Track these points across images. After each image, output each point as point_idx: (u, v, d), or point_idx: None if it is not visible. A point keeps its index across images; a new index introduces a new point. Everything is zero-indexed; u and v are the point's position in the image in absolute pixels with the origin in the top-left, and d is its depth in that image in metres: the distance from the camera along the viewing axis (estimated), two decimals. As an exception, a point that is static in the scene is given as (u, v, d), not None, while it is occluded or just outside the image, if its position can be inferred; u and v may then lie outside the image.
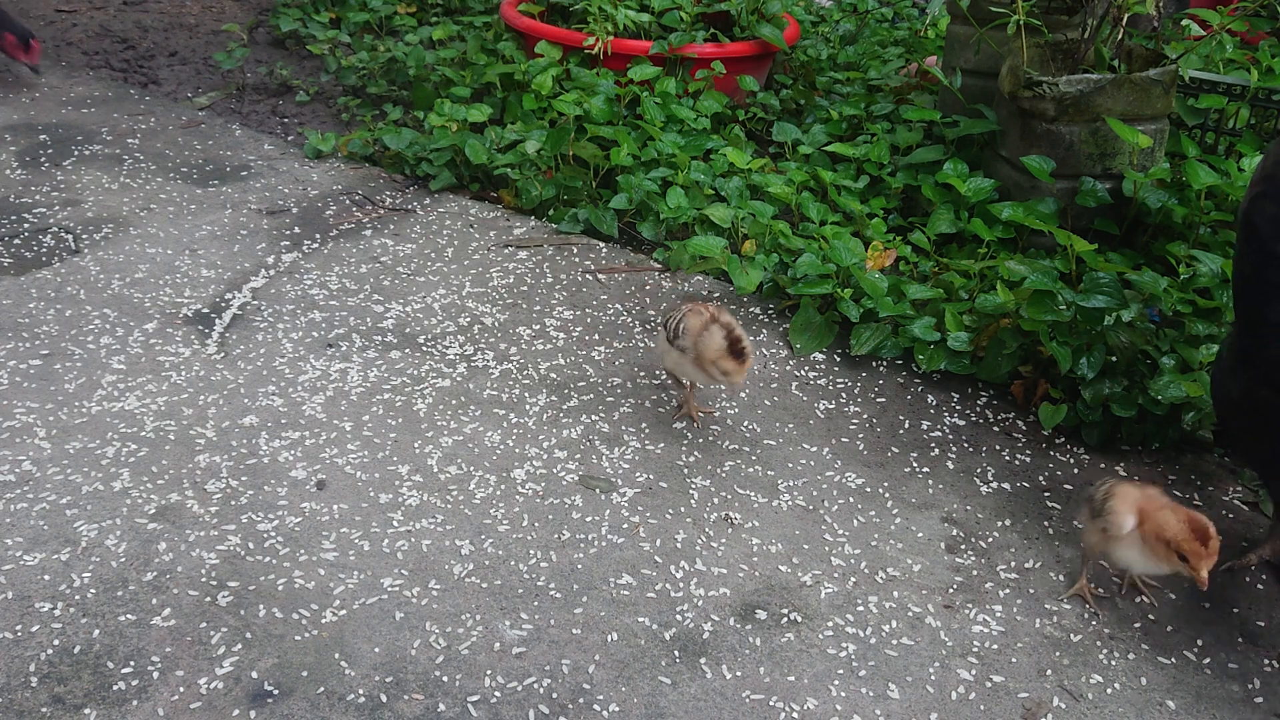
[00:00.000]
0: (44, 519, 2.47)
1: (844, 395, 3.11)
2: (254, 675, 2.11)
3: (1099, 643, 2.30)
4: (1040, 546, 2.58)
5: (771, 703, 2.12)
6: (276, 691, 2.08)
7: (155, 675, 2.10)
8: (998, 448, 2.92)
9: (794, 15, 5.23)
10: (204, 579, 2.33)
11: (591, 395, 3.04)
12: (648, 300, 3.54)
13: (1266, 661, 2.29)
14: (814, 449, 2.87)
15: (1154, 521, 2.24)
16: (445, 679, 2.13)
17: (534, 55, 4.67)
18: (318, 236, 3.84)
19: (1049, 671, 2.24)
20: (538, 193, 4.03)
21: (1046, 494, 2.76)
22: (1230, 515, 2.71)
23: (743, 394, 3.08)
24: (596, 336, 3.32)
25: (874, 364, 3.26)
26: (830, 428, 2.97)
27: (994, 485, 2.78)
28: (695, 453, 2.83)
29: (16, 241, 3.68)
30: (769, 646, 2.25)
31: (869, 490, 2.74)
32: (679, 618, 2.31)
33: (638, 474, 2.74)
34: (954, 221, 3.62)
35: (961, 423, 3.01)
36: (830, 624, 2.31)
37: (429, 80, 4.88)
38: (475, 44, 5.04)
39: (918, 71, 4.67)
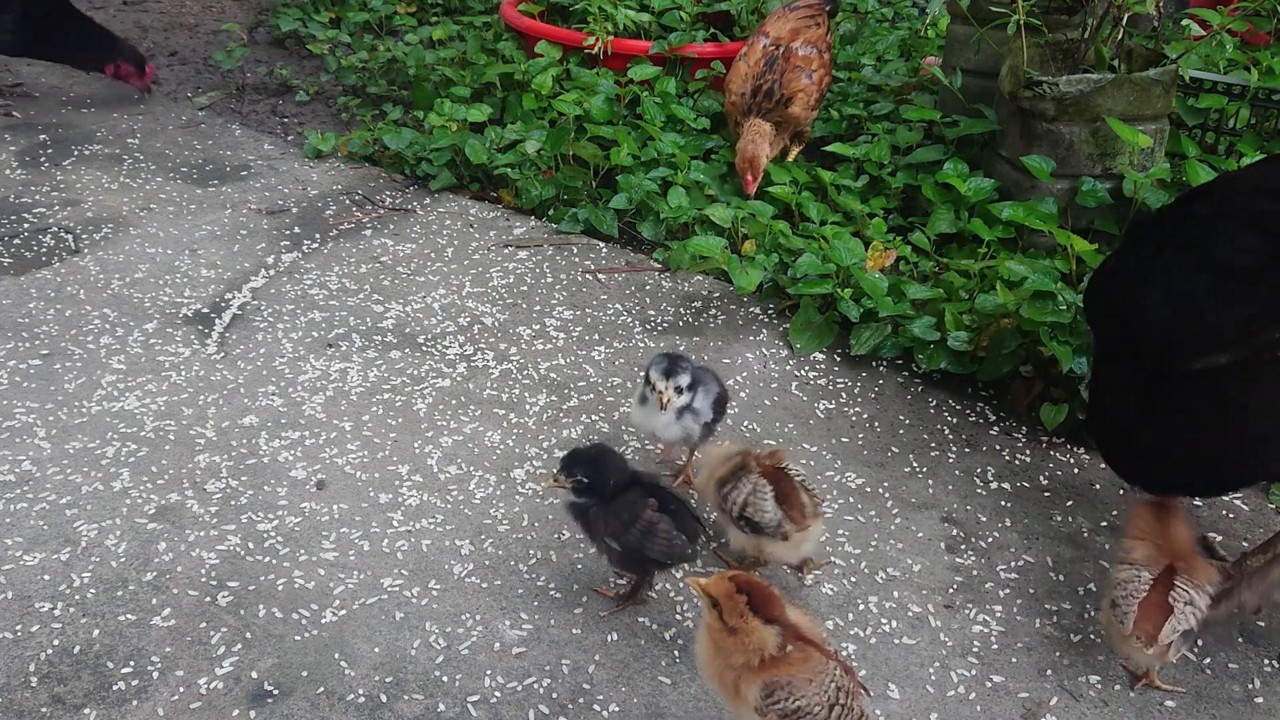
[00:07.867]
0: (44, 519, 2.47)
1: (844, 395, 3.11)
2: (254, 675, 2.11)
3: (1099, 642, 2.30)
4: (1040, 546, 2.58)
5: (771, 703, 2.12)
6: (276, 691, 2.08)
7: (155, 675, 2.10)
8: (998, 448, 2.92)
9: (794, 15, 5.23)
10: (204, 579, 2.33)
11: (591, 395, 3.04)
12: (648, 300, 3.53)
13: (1266, 661, 2.29)
14: (814, 449, 2.87)
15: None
16: (445, 679, 2.13)
17: (534, 55, 4.67)
18: (318, 236, 3.84)
19: (1049, 671, 2.24)
20: (538, 193, 4.03)
21: (1046, 494, 2.76)
22: (1230, 515, 2.71)
23: (743, 394, 3.08)
24: (596, 336, 3.32)
25: (874, 364, 3.26)
26: (830, 428, 2.97)
27: (994, 485, 2.77)
28: (695, 453, 2.82)
29: (16, 241, 3.68)
30: (769, 646, 2.24)
31: (869, 490, 2.74)
32: (679, 617, 2.31)
33: (638, 474, 2.73)
34: (954, 221, 3.62)
35: (961, 423, 3.01)
36: (830, 624, 2.31)
37: (429, 80, 4.88)
38: (475, 44, 5.04)
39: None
